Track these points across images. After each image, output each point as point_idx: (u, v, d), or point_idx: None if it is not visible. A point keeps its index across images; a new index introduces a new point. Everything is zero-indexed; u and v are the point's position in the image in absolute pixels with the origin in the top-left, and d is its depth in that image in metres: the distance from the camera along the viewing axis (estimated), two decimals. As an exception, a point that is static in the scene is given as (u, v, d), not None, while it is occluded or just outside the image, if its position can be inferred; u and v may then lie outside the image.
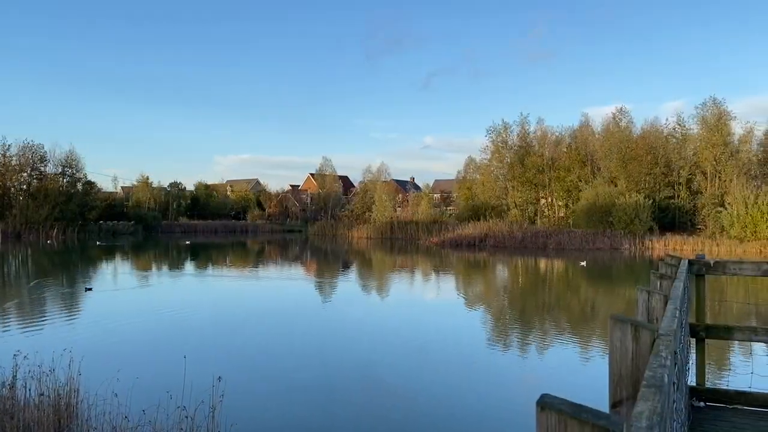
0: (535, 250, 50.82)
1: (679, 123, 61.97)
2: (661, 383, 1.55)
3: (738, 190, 50.10)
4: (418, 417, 9.26)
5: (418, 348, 14.04)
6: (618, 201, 53.27)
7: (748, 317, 18.45)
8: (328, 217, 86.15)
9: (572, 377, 11.61)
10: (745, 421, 5.52)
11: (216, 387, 7.82)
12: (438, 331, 16.24)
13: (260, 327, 16.75)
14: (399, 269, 37.45)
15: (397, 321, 18.24)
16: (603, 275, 33.85)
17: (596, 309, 21.50)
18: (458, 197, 77.39)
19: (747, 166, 56.66)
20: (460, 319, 19.14)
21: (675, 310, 2.79)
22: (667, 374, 1.66)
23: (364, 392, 10.51)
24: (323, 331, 16.21)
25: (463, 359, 12.98)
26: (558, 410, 1.19)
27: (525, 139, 69.85)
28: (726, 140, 57.06)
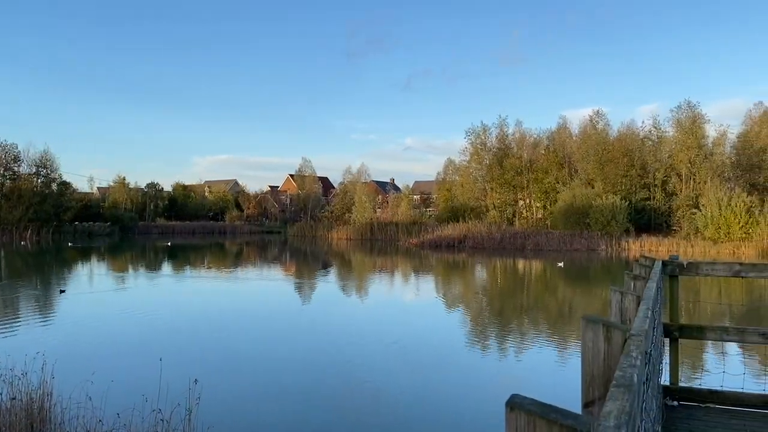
0: (513, 251, 51.19)
1: (655, 126, 62.98)
2: (631, 383, 1.57)
3: (712, 192, 50.96)
4: (397, 418, 9.26)
5: (397, 349, 14.05)
6: (595, 202, 53.89)
7: (722, 317, 18.77)
8: (307, 218, 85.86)
9: (549, 377, 11.70)
10: (717, 420, 5.61)
11: (192, 389, 7.74)
12: (418, 332, 16.28)
13: (238, 329, 16.63)
14: (379, 270, 37.46)
15: (377, 322, 18.24)
16: (580, 276, 34.20)
17: (573, 309, 21.70)
18: (438, 198, 77.68)
19: (721, 168, 57.66)
20: (439, 320, 19.20)
21: (647, 310, 2.83)
22: (636, 374, 1.68)
23: (343, 393, 10.49)
24: (303, 333, 16.15)
25: (442, 360, 13.02)
26: (527, 410, 1.19)
27: (503, 141, 70.35)
28: (700, 143, 58.03)
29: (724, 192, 50.61)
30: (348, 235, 71.22)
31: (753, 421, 5.57)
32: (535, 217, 66.62)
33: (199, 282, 29.81)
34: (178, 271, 35.69)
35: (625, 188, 58.50)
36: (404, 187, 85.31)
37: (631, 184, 59.29)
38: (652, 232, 54.92)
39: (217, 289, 27.08)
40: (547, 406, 1.23)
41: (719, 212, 49.13)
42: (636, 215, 56.49)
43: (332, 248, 58.16)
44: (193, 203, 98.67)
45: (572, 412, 1.21)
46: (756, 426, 5.42)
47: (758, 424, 5.48)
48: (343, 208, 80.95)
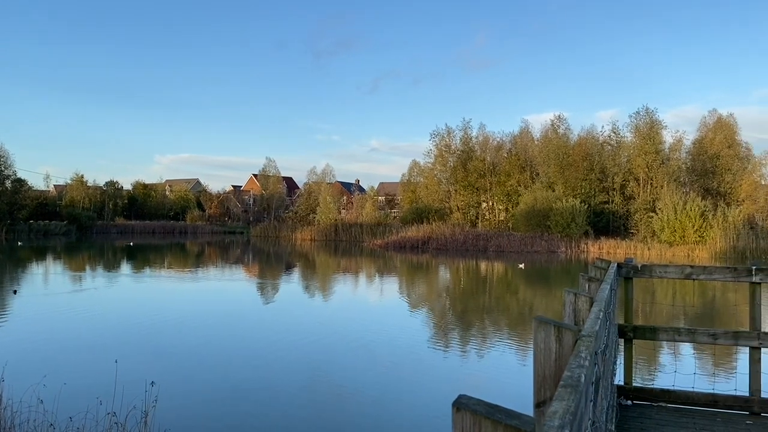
0: (476, 252, 51.69)
1: (614, 131, 64.42)
2: (578, 383, 1.60)
3: (668, 196, 52.36)
4: (359, 417, 9.25)
5: (361, 349, 14.03)
6: (555, 205, 54.81)
7: (677, 318, 19.29)
8: (271, 218, 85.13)
9: (508, 377, 11.85)
10: (669, 418, 5.77)
11: (149, 391, 7.60)
12: (381, 333, 16.28)
13: (199, 330, 16.38)
14: (343, 271, 37.37)
15: (340, 322, 18.19)
16: (540, 277, 34.73)
17: (533, 311, 22.01)
18: (402, 200, 77.93)
19: (677, 173, 59.31)
20: (403, 320, 19.25)
21: (599, 311, 2.89)
22: (584, 374, 1.71)
23: (306, 393, 10.43)
24: (265, 334, 16.00)
25: (404, 360, 13.06)
26: (473, 411, 1.21)
27: (467, 144, 71.01)
28: (658, 148, 59.58)
29: (680, 196, 52.07)
30: (312, 236, 70.87)
31: (702, 419, 5.75)
32: (497, 219, 67.41)
33: (159, 282, 29.27)
34: (137, 272, 34.97)
35: (584, 192, 59.66)
36: (369, 188, 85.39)
37: (591, 188, 60.51)
38: (611, 235, 56.15)
39: (177, 289, 26.63)
40: (493, 407, 1.24)
41: (675, 216, 50.51)
42: (595, 218, 57.68)
43: (296, 249, 57.80)
44: (153, 202, 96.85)
45: (517, 412, 1.22)
46: (704, 424, 5.60)
47: (706, 422, 5.65)
48: (307, 208, 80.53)
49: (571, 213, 53.90)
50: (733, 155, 60.11)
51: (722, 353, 13.12)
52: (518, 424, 1.18)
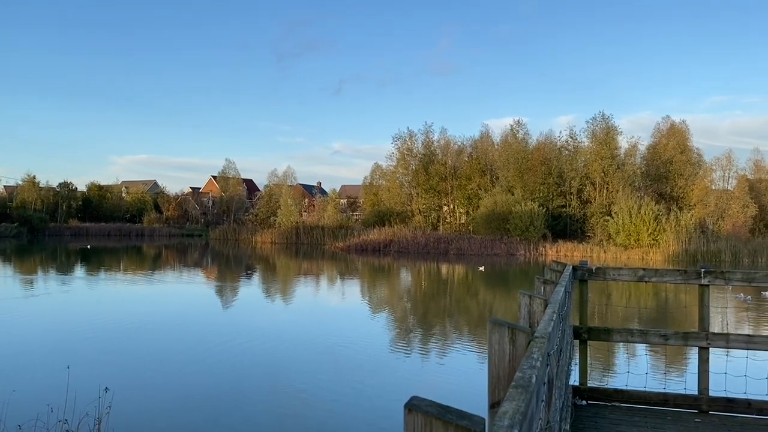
0: (437, 255, 52.05)
1: (572, 136, 65.78)
2: (529, 383, 1.63)
3: (623, 201, 53.70)
4: (319, 421, 9.21)
5: (323, 353, 13.97)
6: (514, 209, 55.63)
7: (632, 320, 19.79)
8: (230, 221, 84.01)
9: (467, 379, 11.96)
10: (622, 417, 5.92)
11: (103, 398, 7.42)
12: (342, 336, 16.24)
13: (156, 334, 16.05)
14: (304, 274, 37.15)
15: (301, 326, 18.07)
16: (500, 280, 35.18)
17: (493, 312, 22.29)
18: (365, 203, 77.92)
19: (632, 178, 60.88)
20: (364, 323, 19.24)
21: (553, 313, 2.94)
22: (536, 375, 1.75)
23: (266, 398, 10.32)
24: (224, 338, 15.76)
25: (365, 363, 13.06)
26: (424, 412, 1.22)
27: (429, 147, 71.49)
28: (613, 153, 61.08)
29: (635, 200, 53.45)
30: (272, 239, 70.24)
31: (654, 418, 5.92)
32: (458, 222, 68.03)
33: (114, 286, 28.57)
34: (92, 275, 34.06)
35: (543, 195, 60.70)
36: (331, 190, 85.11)
37: (549, 192, 61.60)
38: (568, 238, 57.24)
39: (134, 293, 26.04)
40: (444, 408, 1.26)
41: (630, 220, 51.84)
42: (553, 221, 58.76)
43: (256, 252, 57.20)
44: (109, 204, 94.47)
45: (468, 413, 1.24)
46: (655, 422, 5.76)
47: (657, 420, 5.82)
48: (268, 211, 79.78)
49: (529, 216, 54.79)
50: (685, 161, 62.02)
51: (674, 353, 13.51)
52: (468, 425, 1.20)
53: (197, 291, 27.76)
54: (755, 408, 6.07)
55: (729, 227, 56.12)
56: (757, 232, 57.46)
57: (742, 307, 21.83)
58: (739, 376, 6.48)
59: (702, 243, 49.84)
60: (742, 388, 6.44)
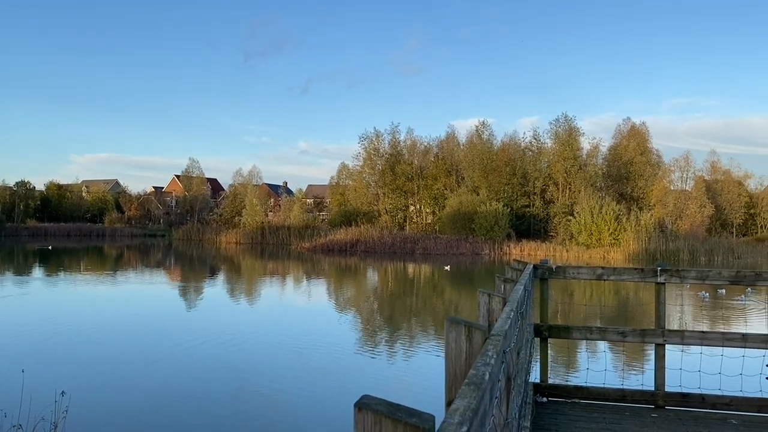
0: (403, 255, 52.20)
1: (535, 137, 66.84)
2: (482, 381, 1.65)
3: (585, 201, 54.73)
4: (286, 422, 9.14)
5: (289, 354, 13.87)
6: (480, 209, 56.19)
7: (594, 317, 20.16)
8: (194, 221, 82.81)
9: (431, 378, 12.02)
10: (581, 414, 6.03)
11: (59, 402, 7.23)
12: (309, 337, 16.15)
13: (116, 336, 15.71)
14: (270, 275, 36.85)
15: (267, 327, 17.91)
16: (465, 279, 35.47)
17: (458, 311, 22.45)
18: (331, 203, 77.69)
19: (593, 178, 62.09)
20: (331, 324, 19.17)
21: (510, 311, 2.98)
22: (489, 372, 1.76)
23: (232, 399, 10.20)
24: (187, 339, 15.51)
25: (332, 363, 13.01)
26: (374, 410, 1.22)
27: (396, 147, 71.70)
28: (576, 154, 62.23)
29: (596, 201, 54.53)
30: (237, 239, 69.47)
31: (612, 413, 6.04)
32: (424, 222, 68.37)
33: (73, 287, 27.86)
34: (50, 276, 33.17)
35: (507, 195, 61.46)
36: (297, 190, 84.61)
37: (513, 192, 62.41)
38: (532, 238, 58.07)
39: (94, 294, 25.45)
40: (394, 406, 1.26)
41: (591, 220, 52.85)
42: (517, 221, 59.55)
43: (220, 252, 56.50)
44: (68, 204, 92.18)
45: (418, 410, 1.25)
46: (613, 418, 5.88)
47: (615, 416, 5.94)
48: (232, 211, 78.91)
49: (494, 216, 55.41)
50: (645, 162, 63.53)
51: (633, 350, 13.81)
52: (417, 422, 1.20)
53: (160, 292, 27.28)
54: (709, 402, 6.24)
55: (687, 227, 57.71)
56: (714, 232, 59.25)
57: (700, 305, 22.44)
58: (694, 372, 6.66)
59: (661, 242, 51.12)
60: (697, 383, 6.62)
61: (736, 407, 6.14)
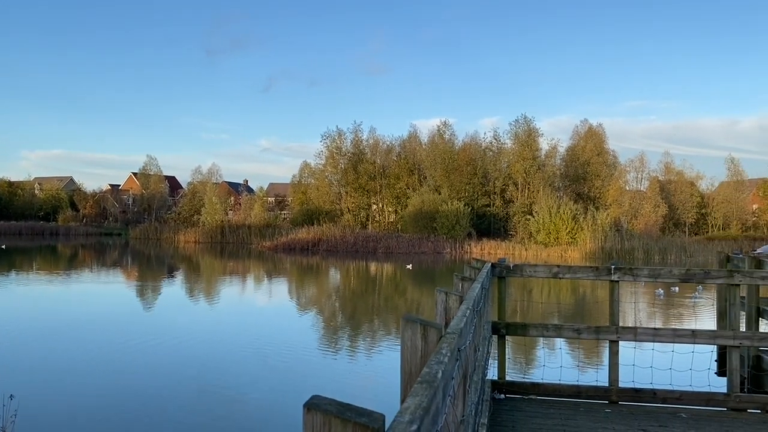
0: (365, 253, 52.21)
1: (496, 137, 67.70)
2: (434, 379, 1.66)
3: (544, 200, 55.68)
4: (252, 425, 9.04)
5: (250, 355, 13.72)
6: (441, 208, 56.62)
7: (552, 315, 20.53)
8: (152, 219, 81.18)
9: (392, 377, 12.06)
10: (537, 410, 6.13)
11: (8, 406, 7.00)
12: (270, 337, 16.00)
13: (69, 337, 15.28)
14: (230, 274, 36.39)
15: (228, 327, 17.67)
16: (426, 278, 35.69)
17: (420, 310, 22.58)
18: (293, 201, 77.15)
19: (552, 178, 63.24)
20: (293, 323, 19.06)
21: (466, 309, 3.01)
22: (442, 370, 1.77)
23: (190, 401, 10.03)
24: (145, 340, 15.17)
25: (295, 365, 12.92)
26: (324, 410, 1.21)
27: (358, 146, 71.63)
28: (535, 154, 63.26)
29: (554, 200, 55.54)
30: (196, 238, 68.35)
31: (567, 409, 6.16)
32: (387, 221, 68.52)
33: (25, 287, 26.98)
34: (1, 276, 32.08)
35: (468, 195, 62.08)
36: (258, 189, 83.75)
37: (474, 191, 63.08)
38: (492, 237, 58.79)
39: (46, 294, 24.69)
40: (344, 406, 1.26)
41: (550, 219, 53.80)
42: (478, 220, 60.22)
43: (179, 251, 55.53)
44: (20, 202, 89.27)
45: (368, 410, 1.25)
46: (569, 414, 6.00)
47: (570, 412, 6.06)
48: (191, 209, 77.60)
49: (455, 215, 55.91)
50: (601, 162, 64.99)
51: (589, 347, 14.12)
52: (367, 422, 1.20)
53: (116, 291, 26.65)
54: (660, 397, 6.43)
55: (642, 226, 59.32)
56: (667, 231, 61.03)
57: (654, 302, 23.08)
58: (646, 368, 6.85)
59: (617, 241, 52.41)
60: (649, 378, 6.81)
61: (686, 401, 6.34)
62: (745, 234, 61.39)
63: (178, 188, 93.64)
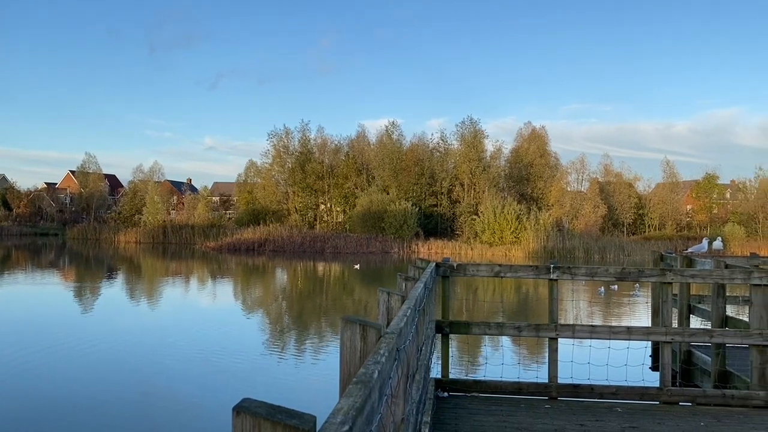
0: (313, 254, 51.91)
1: (443, 138, 68.41)
2: (370, 379, 1.66)
3: (489, 201, 56.67)
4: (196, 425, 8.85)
5: (193, 358, 13.42)
6: (389, 208, 56.87)
7: (497, 313, 20.90)
8: (91, 219, 78.41)
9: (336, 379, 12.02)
10: (480, 407, 6.23)
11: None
12: (214, 339, 15.70)
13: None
14: (173, 275, 35.52)
15: (169, 330, 17.24)
16: (374, 277, 35.76)
17: (368, 310, 22.60)
18: (238, 201, 75.93)
19: (496, 179, 64.41)
20: (237, 326, 18.75)
21: (408, 309, 3.02)
22: (378, 370, 1.78)
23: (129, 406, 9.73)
24: (84, 344, 14.63)
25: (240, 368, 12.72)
26: (253, 413, 1.20)
27: (306, 145, 71.07)
28: (480, 156, 64.32)
29: (499, 201, 56.59)
30: (137, 238, 66.39)
31: (509, 406, 6.28)
32: (335, 221, 68.28)
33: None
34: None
35: (416, 195, 62.55)
36: (203, 188, 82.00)
37: (421, 192, 63.62)
38: (439, 236, 59.43)
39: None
40: (275, 408, 1.25)
41: (494, 219, 54.81)
42: (425, 220, 60.75)
43: (119, 252, 53.86)
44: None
45: (299, 411, 1.24)
46: (510, 410, 6.12)
47: (512, 408, 6.19)
48: (132, 209, 75.31)
49: (403, 215, 56.26)
50: (544, 164, 66.65)
51: (532, 344, 14.45)
52: (298, 423, 1.19)
53: (51, 293, 25.60)
54: (597, 392, 6.64)
55: (582, 226, 61.15)
56: (606, 231, 63.09)
57: (594, 300, 23.80)
58: (584, 364, 7.05)
59: (558, 240, 53.89)
60: (587, 374, 7.01)
61: (622, 396, 6.56)
62: (680, 234, 64.08)
63: (119, 187, 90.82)
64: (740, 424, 5.73)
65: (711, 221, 68.14)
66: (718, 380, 7.04)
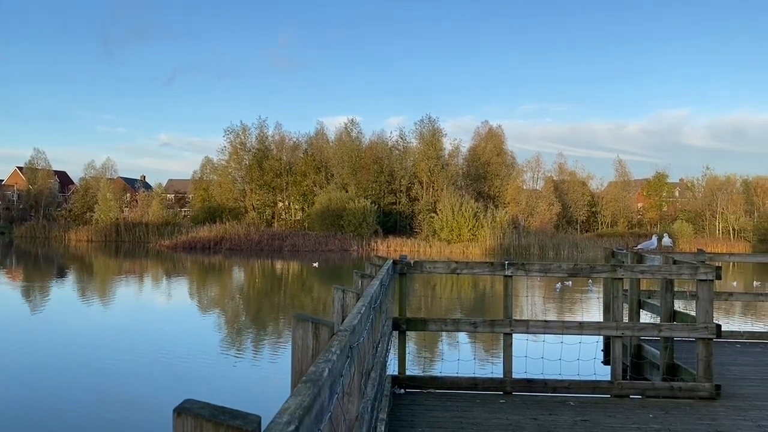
0: (271, 252, 51.43)
1: (402, 137, 68.62)
2: (320, 377, 1.64)
3: (447, 199, 57.17)
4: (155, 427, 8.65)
5: (148, 360, 13.12)
6: (348, 206, 56.77)
7: (455, 310, 21.09)
8: (39, 217, 75.83)
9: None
10: (436, 403, 6.27)
11: None
12: (169, 341, 15.40)
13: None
14: (126, 274, 34.67)
15: (123, 330, 16.80)
16: (333, 275, 35.65)
17: (326, 308, 22.51)
18: (194, 198, 74.60)
19: (455, 177, 65.02)
20: (192, 326, 18.43)
21: (362, 306, 3.01)
22: (329, 368, 1.76)
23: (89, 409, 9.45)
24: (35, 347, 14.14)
25: (197, 369, 12.49)
26: (195, 414, 1.17)
27: (263, 142, 70.29)
28: (439, 154, 64.79)
29: (457, 199, 57.14)
30: (89, 237, 64.57)
31: (464, 402, 6.34)
32: (293, 218, 67.77)
33: None
34: None
35: (375, 193, 62.61)
36: (157, 185, 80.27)
37: (381, 190, 63.71)
38: (398, 234, 59.67)
39: None
40: (218, 409, 1.22)
41: (452, 216, 55.33)
42: (384, 218, 60.87)
43: (70, 251, 52.28)
44: None
45: (243, 412, 1.21)
46: (466, 406, 6.18)
47: (467, 404, 6.25)
48: (83, 206, 73.15)
49: (362, 213, 56.25)
50: (501, 163, 67.59)
51: (489, 340, 14.63)
52: (241, 424, 1.17)
53: None
54: (550, 387, 6.75)
55: (537, 223, 62.27)
56: (561, 228, 64.43)
57: (550, 296, 24.24)
58: (538, 359, 7.17)
59: (514, 238, 54.81)
60: (540, 369, 7.13)
61: (574, 390, 6.70)
62: (631, 231, 65.87)
63: (70, 184, 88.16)
64: (687, 416, 5.92)
65: (661, 219, 70.28)
66: (667, 373, 7.25)
